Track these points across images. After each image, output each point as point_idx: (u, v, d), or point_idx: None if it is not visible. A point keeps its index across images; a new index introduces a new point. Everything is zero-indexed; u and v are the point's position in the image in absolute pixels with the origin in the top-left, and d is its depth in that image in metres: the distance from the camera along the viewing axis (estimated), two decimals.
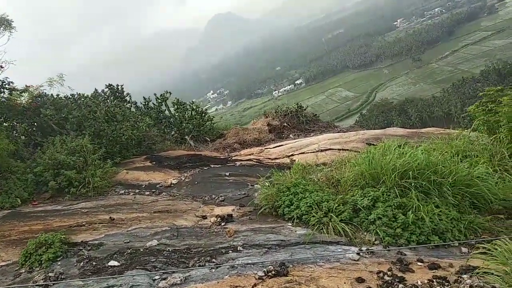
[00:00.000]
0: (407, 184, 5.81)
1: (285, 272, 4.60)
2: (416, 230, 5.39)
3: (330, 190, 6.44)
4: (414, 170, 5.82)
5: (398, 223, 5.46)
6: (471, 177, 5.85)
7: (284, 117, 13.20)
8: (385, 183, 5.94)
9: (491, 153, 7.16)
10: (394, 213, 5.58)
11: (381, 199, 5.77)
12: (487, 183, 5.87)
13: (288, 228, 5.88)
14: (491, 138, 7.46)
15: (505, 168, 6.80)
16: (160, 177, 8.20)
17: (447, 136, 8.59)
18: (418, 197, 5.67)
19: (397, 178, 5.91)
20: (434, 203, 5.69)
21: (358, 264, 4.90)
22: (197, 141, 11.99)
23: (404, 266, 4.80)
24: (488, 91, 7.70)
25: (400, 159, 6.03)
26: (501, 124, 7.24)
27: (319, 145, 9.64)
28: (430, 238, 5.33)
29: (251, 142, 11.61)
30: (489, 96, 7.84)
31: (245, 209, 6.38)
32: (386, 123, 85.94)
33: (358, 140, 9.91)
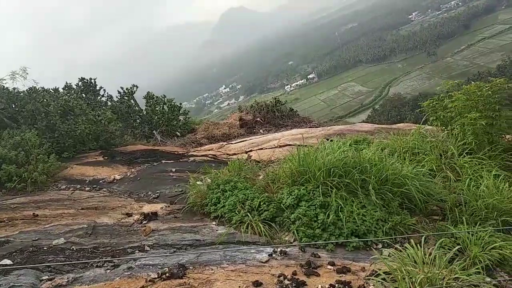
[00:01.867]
0: (333, 183, 5.49)
1: (181, 275, 4.38)
2: (336, 231, 5.13)
3: (261, 188, 6.17)
4: (340, 168, 5.50)
5: (318, 224, 5.18)
6: (400, 176, 5.50)
7: (259, 112, 12.91)
8: (312, 181, 5.64)
9: (441, 150, 6.79)
10: (316, 212, 5.30)
11: (305, 198, 5.49)
12: (419, 182, 5.52)
13: (210, 227, 5.66)
14: (443, 134, 7.08)
15: (452, 167, 6.43)
16: (106, 172, 8.05)
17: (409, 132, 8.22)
18: (343, 196, 5.37)
19: (325, 176, 5.60)
20: (361, 203, 5.39)
21: (265, 266, 4.66)
22: (166, 136, 11.82)
23: (311, 270, 4.54)
24: (446, 84, 7.29)
25: (328, 157, 5.72)
26: (454, 120, 6.85)
27: (279, 141, 9.36)
28: (350, 240, 5.02)
29: (219, 137, 11.39)
30: (447, 90, 7.44)
31: (175, 207, 6.19)
32: (399, 118, 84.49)
33: (319, 135, 9.60)
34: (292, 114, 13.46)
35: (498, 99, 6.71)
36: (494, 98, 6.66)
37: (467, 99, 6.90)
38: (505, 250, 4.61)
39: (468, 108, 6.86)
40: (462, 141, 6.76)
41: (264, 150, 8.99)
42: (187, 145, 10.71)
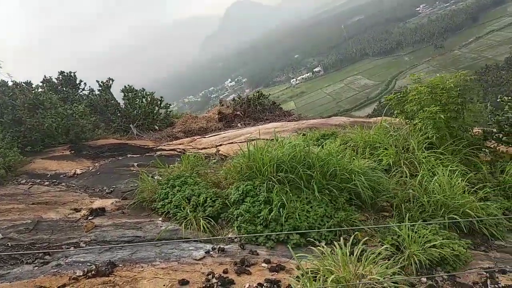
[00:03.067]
0: (279, 178, 5.35)
1: (107, 272, 4.29)
2: (277, 228, 4.98)
3: (213, 183, 6.06)
4: (286, 163, 5.36)
5: (260, 220, 5.05)
6: (348, 171, 5.34)
7: (240, 106, 12.76)
8: (259, 177, 5.51)
9: (402, 144, 6.60)
10: (260, 209, 5.17)
11: (251, 193, 5.36)
12: (366, 177, 5.36)
13: (156, 223, 5.56)
14: (405, 128, 6.89)
15: (412, 162, 6.24)
16: (69, 166, 7.98)
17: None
18: (288, 192, 5.22)
19: (272, 171, 5.46)
20: (307, 199, 5.24)
21: (198, 264, 4.55)
22: (145, 129, 11.73)
23: (243, 268, 4.43)
24: (412, 76, 7.08)
25: (276, 152, 5.58)
26: (417, 113, 6.65)
27: (251, 135, 9.23)
28: (290, 237, 4.89)
29: (196, 131, 11.26)
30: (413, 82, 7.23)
31: (125, 202, 6.09)
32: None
33: (292, 129, 9.45)
34: (274, 107, 13.28)
35: (460, 92, 6.48)
36: (457, 91, 6.43)
37: (430, 92, 6.68)
38: (446, 248, 4.44)
39: (432, 101, 6.65)
40: (424, 135, 6.55)
41: (234, 144, 8.87)
42: (162, 139, 10.61)
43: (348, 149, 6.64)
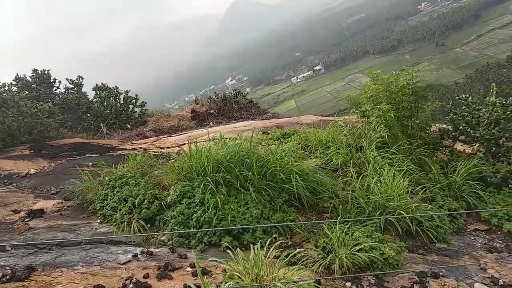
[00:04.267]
0: (217, 179, 5.21)
1: (23, 277, 4.16)
2: (209, 230, 4.82)
3: (156, 184, 5.92)
4: (224, 163, 5.21)
5: (193, 222, 4.91)
6: (287, 171, 5.19)
7: (216, 104, 12.61)
8: (197, 177, 5.37)
9: (355, 143, 6.45)
10: (194, 210, 5.02)
11: (188, 194, 5.22)
12: (305, 178, 5.21)
13: (92, 225, 5.42)
14: (359, 127, 6.73)
15: (362, 161, 6.09)
16: (24, 166, 7.86)
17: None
18: (225, 193, 5.08)
19: (212, 171, 5.32)
20: (244, 200, 5.10)
21: (120, 268, 4.42)
22: (117, 128, 11.61)
23: (165, 272, 4.29)
24: (369, 74, 6.91)
25: (217, 152, 5.44)
26: (370, 112, 6.49)
27: (214, 134, 9.08)
28: (222, 239, 4.75)
29: (167, 129, 11.13)
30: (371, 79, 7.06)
31: (68, 203, 5.96)
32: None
33: (258, 128, 9.30)
34: (250, 106, 13.13)
35: (415, 89, 6.32)
36: (410, 89, 6.27)
37: (385, 90, 6.52)
38: (375, 251, 4.29)
39: (387, 100, 6.49)
40: (377, 134, 6.40)
41: (198, 143, 8.69)
42: (131, 138, 10.48)
43: (296, 149, 6.51)
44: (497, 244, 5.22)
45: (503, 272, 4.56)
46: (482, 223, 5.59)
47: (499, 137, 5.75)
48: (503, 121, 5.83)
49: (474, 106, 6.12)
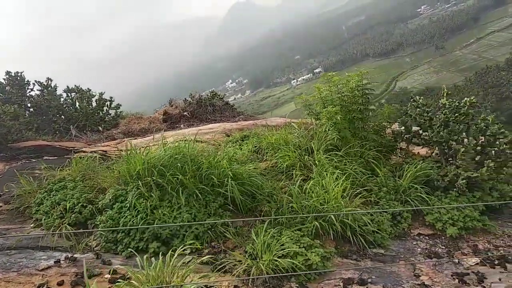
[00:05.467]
0: (150, 182, 5.08)
1: None
2: (137, 236, 4.69)
3: (96, 187, 5.79)
4: (157, 166, 5.09)
5: (122, 227, 4.77)
6: (223, 175, 5.06)
7: (190, 106, 12.48)
8: (131, 181, 5.24)
9: (304, 146, 6.32)
10: (124, 215, 4.89)
11: (121, 198, 5.09)
12: (239, 181, 5.08)
13: (25, 230, 5.29)
14: (310, 128, 6.60)
15: (309, 164, 5.96)
16: None
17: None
18: (156, 197, 4.95)
19: (146, 175, 5.19)
20: (178, 204, 4.97)
21: (37, 275, 4.29)
22: (88, 130, 11.48)
23: (81, 279, 4.14)
24: (323, 76, 6.78)
25: (151, 155, 5.31)
26: (322, 113, 6.36)
27: (177, 137, 8.94)
28: (150, 245, 4.61)
29: (137, 132, 11.00)
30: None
31: (7, 207, 5.82)
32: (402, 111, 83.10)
33: (222, 130, 9.18)
34: (226, 108, 13.00)
35: (365, 92, 6.19)
36: (360, 90, 6.14)
37: (336, 92, 6.39)
38: (299, 258, 4.15)
39: (338, 101, 6.37)
40: (328, 136, 6.27)
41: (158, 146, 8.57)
42: (100, 140, 10.35)
43: (248, 151, 6.40)
44: (439, 249, 5.08)
45: (436, 279, 4.43)
46: (427, 228, 5.45)
47: (448, 139, 5.61)
48: (452, 123, 5.70)
49: (423, 108, 5.98)
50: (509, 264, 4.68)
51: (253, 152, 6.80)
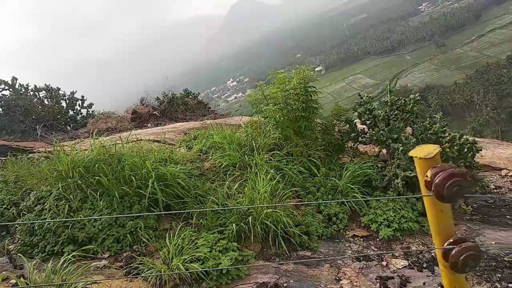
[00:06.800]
0: (72, 183, 4.93)
1: None
2: (52, 239, 4.55)
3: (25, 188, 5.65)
4: (78, 167, 4.95)
5: (39, 230, 4.64)
6: (144, 176, 4.91)
7: (161, 105, 12.36)
8: (58, 181, 5.10)
9: (248, 145, 6.17)
10: (44, 217, 4.75)
11: (43, 200, 4.94)
12: (169, 183, 4.93)
13: None
14: (254, 127, 6.44)
15: (248, 163, 5.80)
16: None
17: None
18: (74, 199, 4.80)
19: (72, 175, 5.05)
20: (101, 206, 4.82)
21: None
22: (57, 130, 11.37)
23: None
24: (273, 73, 6.61)
25: (77, 155, 5.17)
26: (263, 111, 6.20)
27: (136, 136, 8.81)
28: (65, 249, 4.47)
29: (103, 131, 10.86)
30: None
31: None
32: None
33: (182, 130, 9.04)
34: (198, 107, 12.86)
35: (307, 89, 6.02)
36: (302, 88, 5.97)
37: (281, 90, 6.23)
38: (210, 262, 4.00)
39: (283, 99, 6.21)
40: (270, 135, 6.12)
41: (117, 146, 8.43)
42: (64, 140, 10.23)
43: (194, 150, 6.26)
44: (371, 251, 4.92)
45: (357, 283, 4.27)
46: (363, 229, 5.28)
47: (387, 137, 5.44)
48: (392, 121, 5.53)
49: (366, 106, 5.80)
50: (437, 267, 4.50)
51: (200, 152, 6.64)
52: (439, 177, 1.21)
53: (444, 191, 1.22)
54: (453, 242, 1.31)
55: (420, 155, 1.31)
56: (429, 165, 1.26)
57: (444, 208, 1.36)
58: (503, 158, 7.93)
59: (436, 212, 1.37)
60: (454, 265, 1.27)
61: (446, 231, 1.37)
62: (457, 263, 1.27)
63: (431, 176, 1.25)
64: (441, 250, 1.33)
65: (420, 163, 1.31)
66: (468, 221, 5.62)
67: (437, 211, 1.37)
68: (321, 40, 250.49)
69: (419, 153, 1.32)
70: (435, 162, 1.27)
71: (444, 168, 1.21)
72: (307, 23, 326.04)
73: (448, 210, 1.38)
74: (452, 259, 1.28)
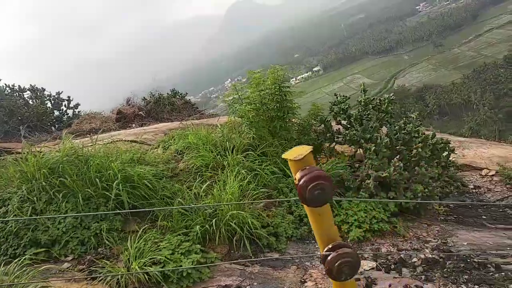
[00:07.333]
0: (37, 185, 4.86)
1: None
2: (14, 241, 4.48)
3: None
4: (42, 168, 4.87)
5: (3, 233, 4.56)
6: (107, 176, 4.84)
7: (147, 105, 12.28)
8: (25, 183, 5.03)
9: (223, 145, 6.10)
10: None
11: (7, 202, 4.87)
12: (135, 185, 4.86)
13: None
14: (229, 127, 6.38)
15: (221, 164, 5.74)
16: None
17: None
18: (39, 201, 4.73)
19: (39, 177, 4.97)
20: (66, 208, 4.74)
21: None
22: (41, 131, 11.29)
23: None
24: (249, 73, 6.53)
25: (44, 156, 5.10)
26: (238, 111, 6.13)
27: (115, 137, 8.73)
28: (28, 251, 4.39)
29: (87, 132, 10.79)
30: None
31: None
32: (403, 110, 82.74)
33: (163, 130, 8.96)
34: (185, 107, 12.79)
35: (282, 89, 5.95)
36: (276, 88, 5.91)
37: (257, 90, 6.16)
38: (170, 265, 3.93)
39: (257, 99, 6.14)
40: (245, 135, 6.05)
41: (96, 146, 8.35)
42: (48, 141, 10.14)
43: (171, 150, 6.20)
44: None
45: (323, 285, 4.20)
46: None
47: (360, 138, 5.38)
48: (365, 121, 5.46)
49: (340, 106, 5.74)
50: (405, 268, 4.45)
51: (176, 153, 6.57)
52: (303, 179, 1.14)
53: (306, 194, 1.15)
54: (331, 247, 1.24)
55: (290, 156, 1.24)
56: (298, 167, 1.20)
57: (322, 212, 1.29)
58: (485, 158, 7.89)
59: (313, 216, 1.31)
60: (329, 271, 1.21)
61: (327, 236, 1.30)
62: (332, 270, 1.20)
63: (299, 179, 1.18)
64: (322, 256, 1.26)
65: (292, 165, 1.24)
66: (443, 222, 5.57)
67: (314, 215, 1.30)
68: (320, 40, 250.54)
69: (290, 154, 1.25)
70: (305, 163, 1.20)
71: (311, 171, 1.15)
72: (306, 23, 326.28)
73: (326, 214, 1.30)
74: (328, 265, 1.21)
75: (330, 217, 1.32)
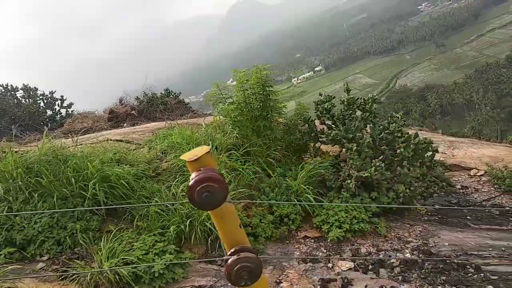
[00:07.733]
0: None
1: None
2: None
3: None
4: (20, 167, 4.84)
5: None
6: (84, 176, 4.80)
7: (140, 104, 12.24)
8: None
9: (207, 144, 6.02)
10: None
11: None
12: (112, 184, 4.82)
13: None
14: (213, 126, 6.34)
15: None
16: None
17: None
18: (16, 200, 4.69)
19: (17, 176, 4.94)
20: (42, 208, 4.71)
21: None
22: (33, 130, 11.26)
23: None
24: (235, 72, 6.48)
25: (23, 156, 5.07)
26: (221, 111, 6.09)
27: (104, 136, 8.70)
28: (2, 251, 4.36)
29: (78, 131, 10.76)
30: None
31: None
32: (405, 110, 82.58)
33: (152, 130, 8.92)
34: (178, 106, 12.74)
35: (265, 88, 5.91)
36: (259, 87, 5.86)
37: (240, 89, 6.12)
38: (143, 263, 3.89)
39: (241, 98, 6.10)
40: (228, 135, 6.01)
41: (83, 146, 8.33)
42: (39, 141, 10.12)
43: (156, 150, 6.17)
44: (320, 253, 4.81)
45: (298, 285, 4.16)
46: (315, 230, 5.17)
47: (342, 137, 5.33)
48: (347, 121, 5.41)
49: (323, 106, 5.69)
50: (383, 269, 4.40)
51: (160, 152, 6.53)
52: (193, 180, 1.09)
53: (194, 196, 1.10)
54: (234, 251, 1.19)
55: (186, 158, 1.19)
56: (195, 168, 1.15)
57: (223, 215, 1.23)
58: (475, 158, 7.82)
59: (215, 219, 1.26)
60: (229, 276, 1.16)
61: (231, 240, 1.25)
62: (231, 274, 1.15)
63: (191, 179, 1.13)
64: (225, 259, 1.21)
65: (189, 166, 1.20)
66: (426, 222, 5.51)
67: (216, 218, 1.25)
68: (321, 40, 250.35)
69: (187, 155, 1.21)
70: (201, 164, 1.15)
71: (205, 172, 1.10)
72: (307, 23, 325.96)
73: (228, 217, 1.25)
74: (227, 269, 1.16)
75: (234, 220, 1.26)
